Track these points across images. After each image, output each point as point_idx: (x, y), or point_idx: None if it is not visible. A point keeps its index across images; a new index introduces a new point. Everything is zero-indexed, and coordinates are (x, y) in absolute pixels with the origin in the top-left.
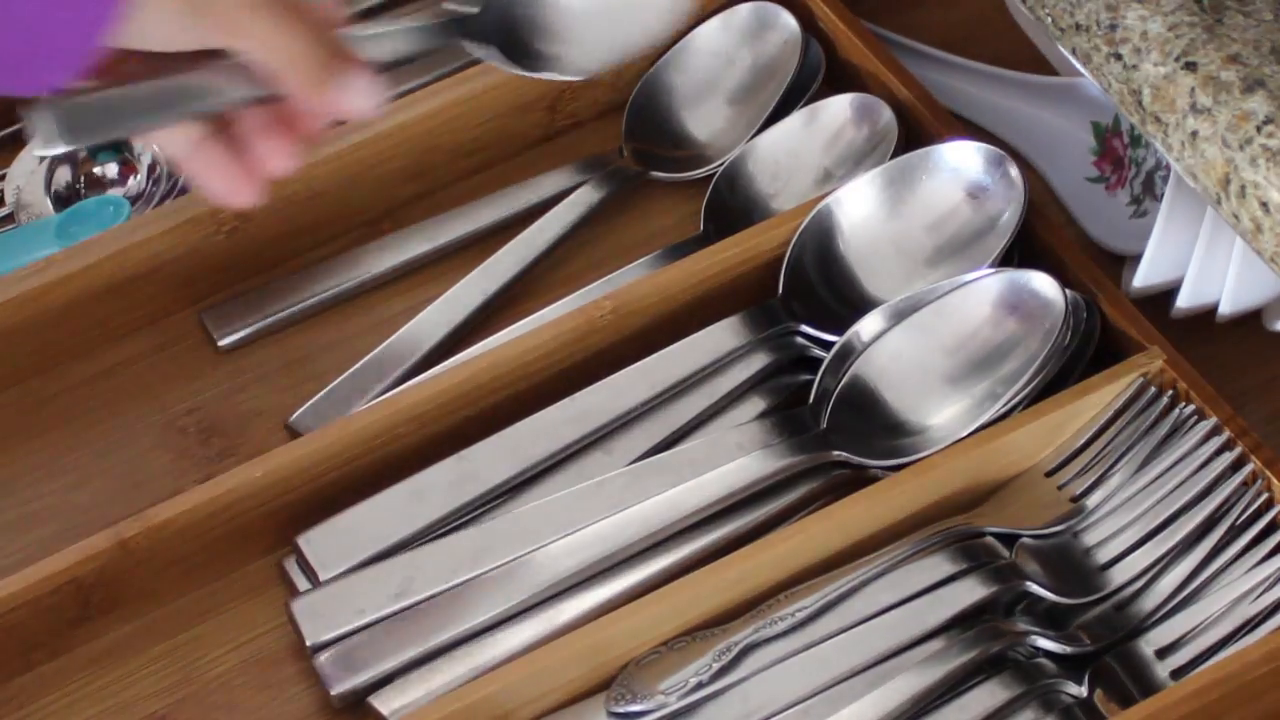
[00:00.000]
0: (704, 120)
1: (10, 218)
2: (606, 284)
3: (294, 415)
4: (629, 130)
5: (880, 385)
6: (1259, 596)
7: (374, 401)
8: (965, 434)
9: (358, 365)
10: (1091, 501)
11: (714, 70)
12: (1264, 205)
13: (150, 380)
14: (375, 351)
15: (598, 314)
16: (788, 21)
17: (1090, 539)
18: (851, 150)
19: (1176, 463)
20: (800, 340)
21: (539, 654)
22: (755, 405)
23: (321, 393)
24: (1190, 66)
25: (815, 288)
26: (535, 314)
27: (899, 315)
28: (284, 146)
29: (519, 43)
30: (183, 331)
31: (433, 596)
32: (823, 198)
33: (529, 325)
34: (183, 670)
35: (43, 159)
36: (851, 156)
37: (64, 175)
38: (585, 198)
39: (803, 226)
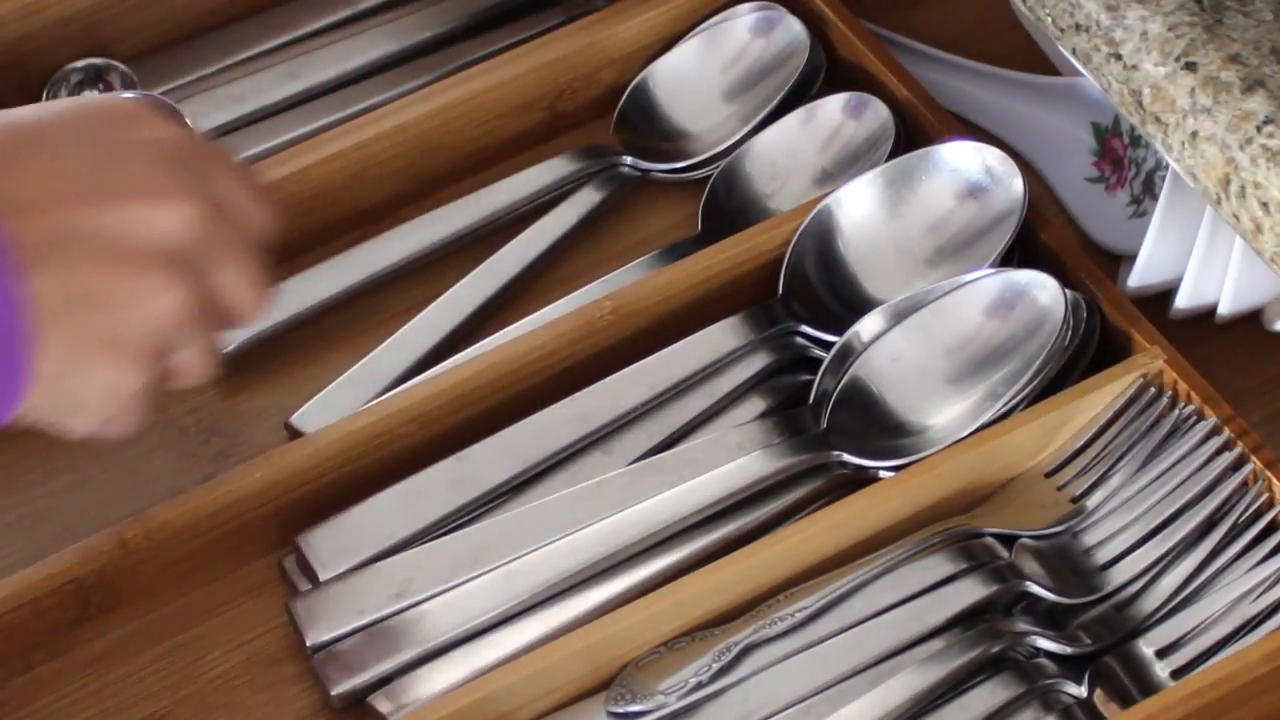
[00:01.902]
0: (703, 118)
1: None
2: (606, 284)
3: (294, 415)
4: (629, 124)
5: (880, 385)
6: (1259, 596)
7: (374, 402)
8: (965, 434)
9: (357, 365)
10: (1091, 502)
11: (716, 69)
12: (1264, 205)
13: None
14: (375, 351)
15: (598, 314)
16: (793, 24)
17: (1090, 539)
18: (849, 150)
19: (1176, 463)
20: (800, 340)
21: (539, 654)
22: (755, 405)
23: (321, 393)
24: (1190, 66)
25: (815, 288)
26: (535, 314)
27: (899, 315)
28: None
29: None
30: None
31: (433, 596)
32: (823, 198)
33: (529, 325)
34: (183, 670)
35: None
36: (849, 156)
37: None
38: (583, 197)
39: (803, 227)
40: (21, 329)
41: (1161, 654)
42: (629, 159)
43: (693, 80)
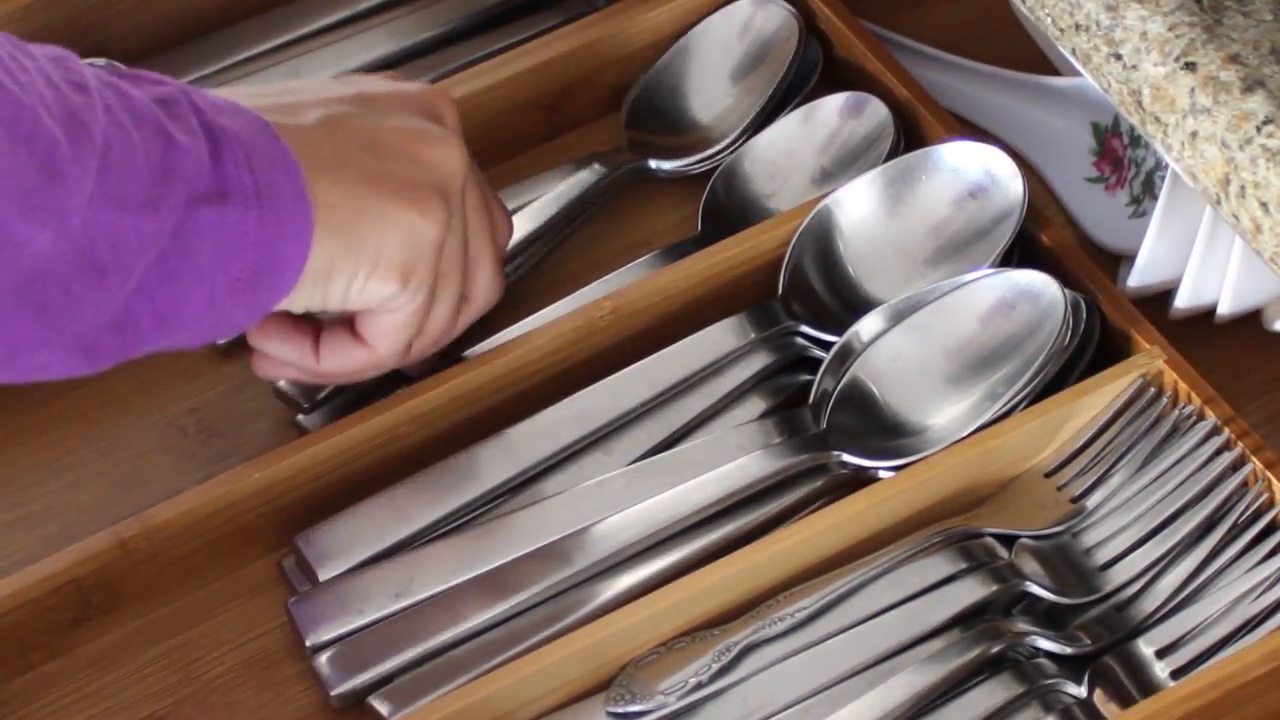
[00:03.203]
0: (705, 112)
1: None
2: (606, 284)
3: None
4: (630, 123)
5: (880, 385)
6: (1259, 596)
7: (374, 403)
8: (965, 434)
9: None
10: (1091, 502)
11: (714, 62)
12: (1264, 205)
13: (151, 380)
14: None
15: (598, 314)
16: (784, 10)
17: (1090, 539)
18: (849, 150)
19: (1176, 463)
20: (800, 340)
21: (539, 654)
22: (755, 405)
23: (322, 392)
24: (1190, 66)
25: (815, 288)
26: (535, 314)
27: (899, 315)
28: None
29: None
30: None
31: (433, 596)
32: (823, 198)
33: (529, 325)
34: (183, 670)
35: None
36: (849, 156)
37: None
38: (587, 186)
39: (803, 227)
40: (292, 164)
41: (1161, 654)
42: (651, 162)
43: (697, 74)
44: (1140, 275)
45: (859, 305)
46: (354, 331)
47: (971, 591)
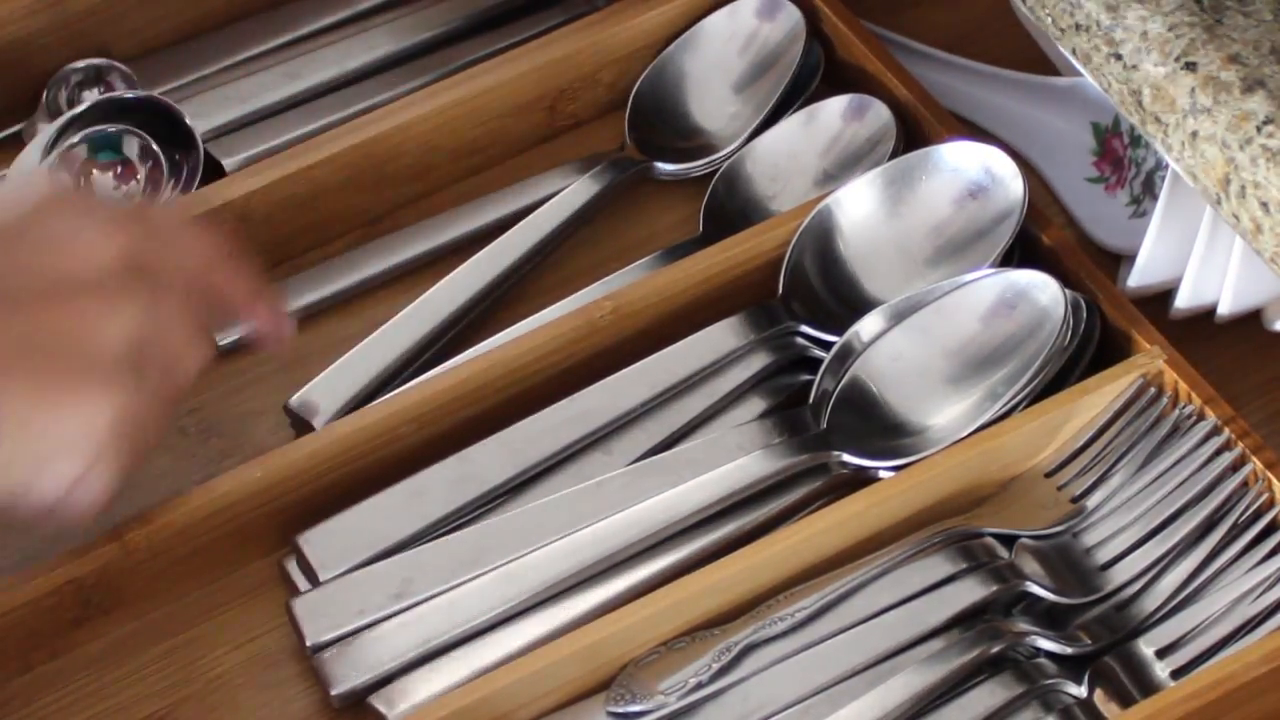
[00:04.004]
0: (707, 112)
1: None
2: (606, 284)
3: (293, 398)
4: (632, 122)
5: (880, 385)
6: (1259, 596)
7: (374, 402)
8: (965, 434)
9: (357, 348)
10: (1091, 502)
11: (718, 61)
12: (1264, 205)
13: None
14: (375, 334)
15: (598, 314)
16: (791, 10)
17: (1090, 539)
18: (851, 151)
19: (1176, 463)
20: (800, 340)
21: (539, 654)
22: (755, 405)
23: (320, 376)
24: (1190, 66)
25: (815, 288)
26: (535, 314)
27: (899, 315)
28: None
29: (668, 147)
30: None
31: (433, 596)
32: (823, 198)
33: (529, 325)
34: (183, 670)
35: (44, 158)
36: (851, 157)
37: (64, 177)
38: (589, 186)
39: (803, 227)
40: None
41: (1161, 654)
42: (658, 166)
43: (702, 75)
44: (1140, 275)
45: (859, 305)
46: None
47: (971, 591)
